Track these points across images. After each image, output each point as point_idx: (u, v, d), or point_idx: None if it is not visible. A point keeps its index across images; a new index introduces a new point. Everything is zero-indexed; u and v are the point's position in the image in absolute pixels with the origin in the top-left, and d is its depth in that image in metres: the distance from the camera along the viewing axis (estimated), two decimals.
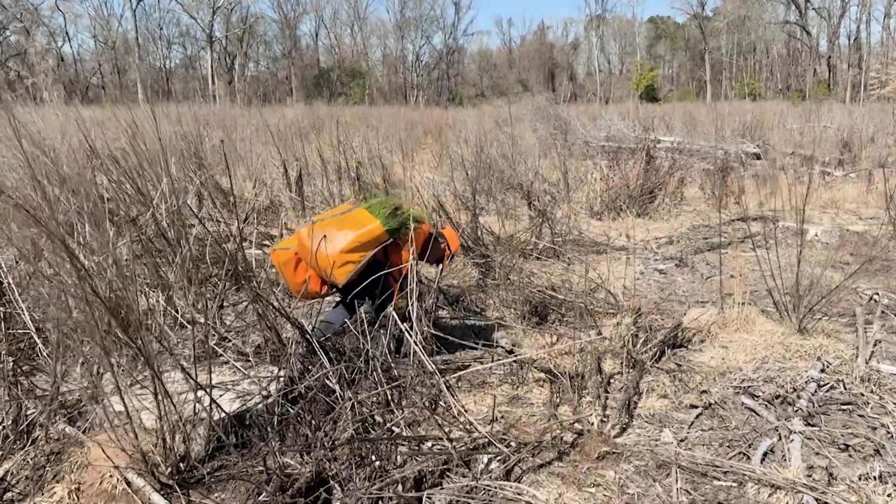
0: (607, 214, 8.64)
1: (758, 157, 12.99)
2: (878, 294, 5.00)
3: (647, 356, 3.98)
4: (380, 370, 3.23)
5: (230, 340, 3.48)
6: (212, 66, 54.09)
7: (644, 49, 60.90)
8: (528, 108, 20.50)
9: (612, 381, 3.78)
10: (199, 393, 2.64)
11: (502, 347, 4.25)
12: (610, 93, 50.58)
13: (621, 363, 3.90)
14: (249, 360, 3.32)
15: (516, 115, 17.66)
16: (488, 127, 15.94)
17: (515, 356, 3.83)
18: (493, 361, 3.79)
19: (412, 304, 3.51)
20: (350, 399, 2.93)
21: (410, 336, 3.31)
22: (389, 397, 3.15)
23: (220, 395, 2.93)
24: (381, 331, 3.42)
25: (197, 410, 2.63)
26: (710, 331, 4.47)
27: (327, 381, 3.07)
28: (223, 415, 2.73)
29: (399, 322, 3.39)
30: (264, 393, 2.92)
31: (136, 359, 2.62)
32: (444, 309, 4.86)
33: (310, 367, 3.27)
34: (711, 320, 4.55)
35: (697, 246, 6.97)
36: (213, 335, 3.51)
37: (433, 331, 3.60)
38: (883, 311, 4.60)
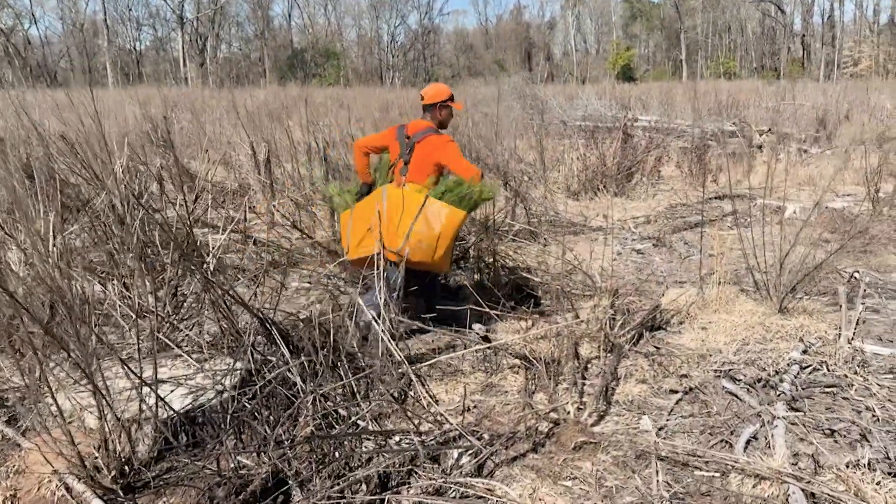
0: (584, 194, 8.50)
1: (734, 135, 12.92)
2: (858, 272, 4.91)
3: (624, 339, 3.84)
4: (345, 360, 3.05)
5: (184, 331, 3.27)
6: (183, 48, 52.88)
7: (620, 28, 60.66)
8: (505, 89, 20.27)
9: (589, 366, 3.64)
10: (147, 390, 2.44)
11: (476, 333, 4.09)
12: (587, 72, 50.40)
13: (599, 347, 3.76)
14: (205, 353, 3.12)
15: (492, 96, 17.44)
16: (465, 107, 15.67)
17: (489, 343, 3.67)
18: (465, 349, 3.63)
19: (379, 290, 3.33)
20: (312, 392, 2.75)
21: (378, 324, 3.13)
22: (355, 389, 2.97)
23: (171, 391, 2.73)
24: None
25: (143, 409, 2.43)
26: (689, 312, 4.35)
27: (288, 374, 2.89)
28: (172, 412, 2.54)
29: (365, 309, 3.20)
30: (219, 388, 2.73)
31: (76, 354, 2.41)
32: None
33: (271, 358, 3.09)
34: (690, 301, 4.43)
35: (675, 225, 6.86)
36: (167, 325, 3.30)
37: (402, 318, 3.42)
38: (865, 290, 4.51)
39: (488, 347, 3.61)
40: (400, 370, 3.19)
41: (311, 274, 5.13)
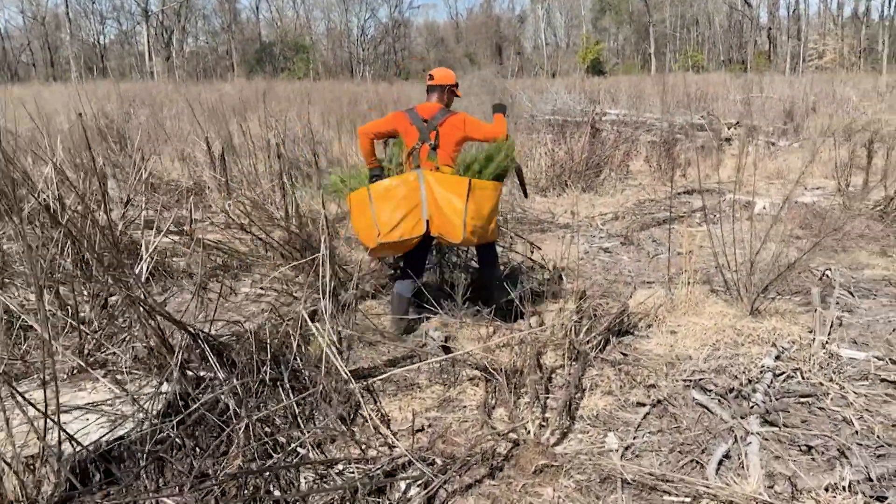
0: (552, 190, 8.31)
1: (702, 128, 12.84)
2: (830, 270, 4.77)
3: (590, 346, 3.64)
4: (286, 378, 2.80)
5: (111, 348, 2.98)
6: (148, 42, 51.66)
7: (590, 22, 60.66)
8: (475, 82, 20.04)
9: (553, 375, 3.43)
10: (61, 419, 2.16)
11: (434, 340, 3.86)
12: (557, 66, 50.39)
13: (563, 355, 3.56)
14: (132, 373, 2.84)
15: (462, 89, 17.18)
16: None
17: (446, 355, 3.43)
18: (420, 361, 3.39)
19: (325, 299, 3.07)
20: (246, 418, 2.49)
21: (322, 337, 2.88)
22: (297, 411, 2.72)
23: (89, 421, 2.45)
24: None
25: (48, 442, 2.15)
26: (657, 315, 4.16)
27: (222, 397, 2.62)
28: (84, 446, 2.26)
29: (308, 321, 2.95)
30: (141, 415, 2.46)
31: None
32: (369, 299, 4.45)
33: (206, 376, 2.82)
34: (659, 303, 4.24)
35: (644, 222, 6.69)
36: (93, 341, 3.01)
37: (350, 330, 3.17)
38: (838, 290, 4.37)
39: (445, 359, 3.37)
40: (348, 388, 2.95)
41: (263, 278, 4.86)
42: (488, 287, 4.14)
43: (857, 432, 2.72)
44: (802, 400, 3.02)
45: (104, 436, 2.34)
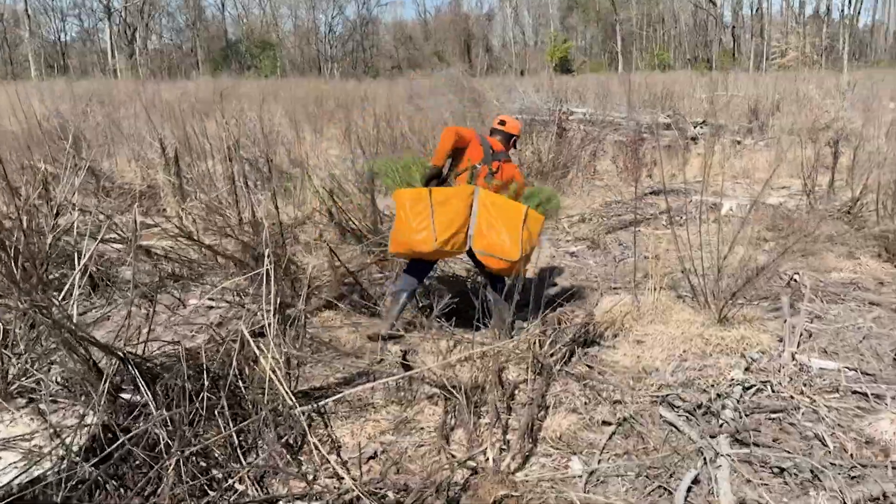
0: None
1: (669, 127, 12.83)
2: (798, 274, 4.69)
3: (555, 359, 3.48)
4: (225, 406, 2.59)
5: (36, 374, 2.74)
6: (111, 39, 50.47)
7: (558, 20, 60.83)
8: (442, 81, 19.84)
9: (516, 392, 3.27)
10: None
11: (392, 355, 3.68)
12: (526, 64, 50.41)
13: (527, 369, 3.39)
14: (58, 401, 2.60)
15: (430, 88, 17.01)
16: (400, 100, 15.29)
17: (404, 374, 3.25)
18: (375, 380, 3.20)
19: (270, 317, 2.86)
20: (178, 452, 2.28)
21: (265, 359, 2.67)
22: (236, 442, 2.51)
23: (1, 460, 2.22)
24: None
25: None
26: (623, 323, 4.03)
27: (153, 428, 2.41)
28: None
29: (250, 341, 2.73)
30: (61, 452, 2.23)
31: None
32: (325, 311, 4.24)
33: (140, 403, 2.60)
34: (625, 311, 4.11)
35: (611, 224, 6.58)
36: (16, 367, 2.76)
37: (297, 351, 2.97)
38: (807, 295, 4.28)
39: (402, 377, 3.19)
40: (300, 410, 2.75)
41: (213, 288, 4.61)
42: (495, 305, 3.93)
43: (829, 451, 2.61)
44: (773, 416, 2.90)
45: (17, 478, 2.11)
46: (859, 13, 54.31)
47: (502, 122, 4.29)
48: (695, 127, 12.30)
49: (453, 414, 3.01)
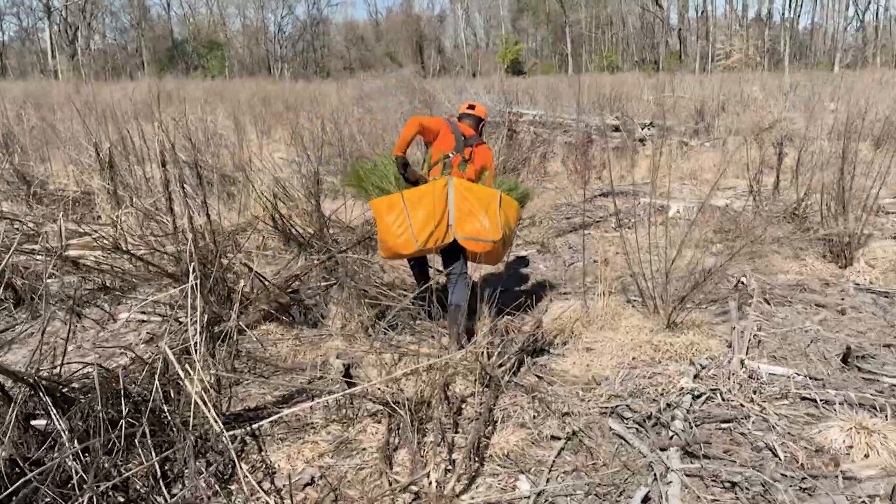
0: None
1: (617, 129, 12.94)
2: (745, 277, 4.69)
3: (503, 369, 3.38)
4: (147, 434, 2.39)
5: None
6: (51, 39, 48.67)
7: (509, 22, 61.19)
8: (393, 82, 19.66)
9: (463, 406, 3.14)
10: None
11: (334, 369, 3.51)
12: (478, 66, 50.55)
13: (475, 381, 3.27)
14: None
15: (380, 89, 16.83)
16: (351, 101, 15.09)
17: (345, 391, 3.09)
18: (314, 398, 3.04)
19: (196, 337, 2.67)
20: (91, 488, 2.08)
21: (191, 383, 2.48)
22: (160, 473, 2.32)
23: None
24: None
25: None
26: (573, 330, 3.96)
27: (66, 461, 2.20)
28: None
29: (174, 362, 2.54)
30: None
31: None
32: (265, 324, 4.05)
33: (55, 431, 2.38)
34: (575, 317, 4.04)
35: (560, 227, 6.53)
36: None
37: (228, 369, 2.79)
38: (754, 298, 4.27)
39: (344, 395, 3.03)
40: (227, 436, 2.56)
41: (145, 300, 4.37)
42: (455, 296, 3.83)
43: (780, 461, 2.55)
44: (724, 425, 2.85)
45: None
46: (799, 16, 56.12)
47: (471, 107, 4.32)
48: (643, 128, 12.40)
49: (397, 432, 2.87)
